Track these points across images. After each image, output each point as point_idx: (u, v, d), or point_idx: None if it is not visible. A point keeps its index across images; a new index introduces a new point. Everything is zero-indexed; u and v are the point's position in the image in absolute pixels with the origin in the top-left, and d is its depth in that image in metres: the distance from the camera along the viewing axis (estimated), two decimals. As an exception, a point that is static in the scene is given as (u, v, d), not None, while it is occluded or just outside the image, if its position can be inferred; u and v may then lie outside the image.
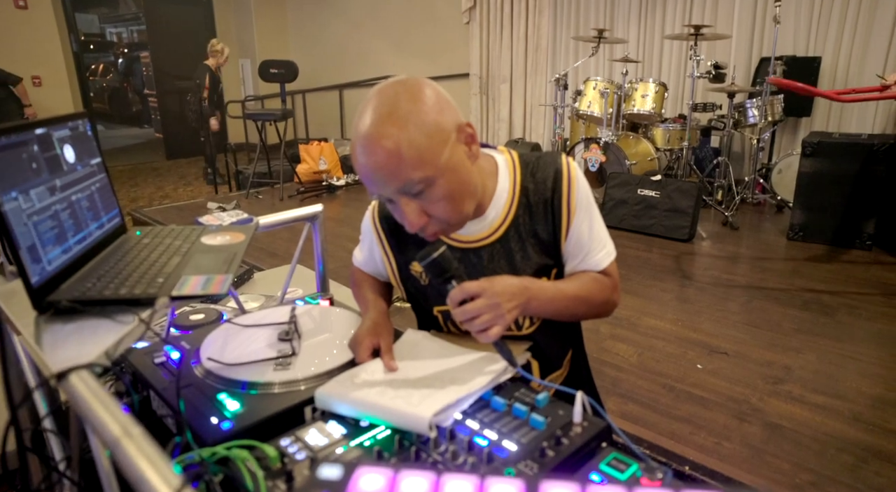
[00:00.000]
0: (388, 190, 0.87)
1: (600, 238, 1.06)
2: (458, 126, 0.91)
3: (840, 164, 3.68)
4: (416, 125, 0.84)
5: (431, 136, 0.85)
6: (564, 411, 0.81)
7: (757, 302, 3.00)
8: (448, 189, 0.89)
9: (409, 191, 0.87)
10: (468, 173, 0.93)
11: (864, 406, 2.09)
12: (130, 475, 0.50)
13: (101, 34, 11.88)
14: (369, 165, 0.85)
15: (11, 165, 0.79)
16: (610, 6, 5.86)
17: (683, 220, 3.95)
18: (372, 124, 0.84)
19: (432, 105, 0.87)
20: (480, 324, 0.85)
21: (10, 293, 0.88)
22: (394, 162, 0.84)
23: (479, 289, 0.86)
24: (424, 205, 0.89)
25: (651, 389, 2.22)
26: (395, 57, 7.59)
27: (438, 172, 0.87)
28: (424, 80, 0.90)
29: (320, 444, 0.76)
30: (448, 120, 0.89)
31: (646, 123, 4.90)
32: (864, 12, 4.55)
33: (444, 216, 0.91)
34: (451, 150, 0.89)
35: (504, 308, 0.87)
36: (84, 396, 0.60)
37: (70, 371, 0.63)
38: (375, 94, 0.88)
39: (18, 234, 0.77)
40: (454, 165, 0.89)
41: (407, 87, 0.87)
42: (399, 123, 0.84)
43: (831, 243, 3.78)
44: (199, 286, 0.86)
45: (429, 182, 0.87)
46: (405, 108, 0.85)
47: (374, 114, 0.85)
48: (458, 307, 0.86)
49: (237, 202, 5.20)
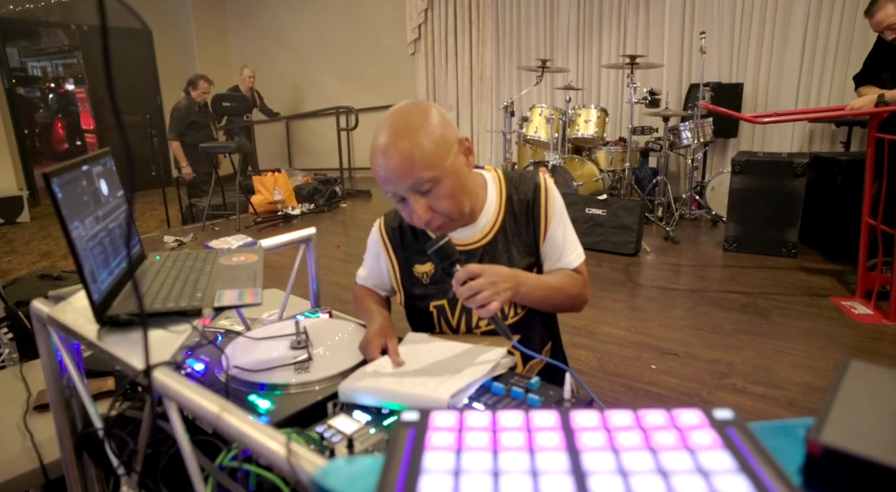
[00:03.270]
0: (402, 187, 1.06)
1: (572, 242, 1.27)
2: (459, 140, 1.12)
3: (765, 180, 4.00)
4: (426, 135, 1.05)
5: (438, 144, 1.06)
6: (554, 391, 0.97)
7: (700, 307, 3.24)
8: (451, 188, 1.08)
9: (419, 188, 1.06)
10: (467, 178, 1.13)
11: (797, 393, 2.33)
12: (240, 440, 0.62)
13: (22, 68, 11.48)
14: (388, 166, 1.05)
15: (73, 198, 0.91)
16: (549, 38, 6.22)
17: (629, 236, 4.20)
18: (390, 135, 1.05)
19: (438, 122, 1.08)
20: (482, 299, 1.01)
21: (63, 312, 0.98)
22: (408, 163, 1.04)
23: (480, 269, 1.04)
24: (431, 202, 1.09)
25: (612, 389, 2.41)
26: (341, 87, 7.73)
27: (444, 174, 1.07)
28: (430, 102, 1.13)
29: (352, 429, 0.89)
30: (451, 133, 1.10)
31: (589, 147, 5.17)
32: (776, 44, 5.06)
33: (447, 211, 1.10)
34: (454, 157, 1.09)
35: (501, 287, 1.04)
36: (174, 386, 0.71)
37: (155, 366, 0.74)
38: (392, 113, 1.08)
39: (82, 258, 0.88)
40: (456, 170, 1.10)
41: (417, 107, 1.09)
42: (412, 133, 1.04)
43: (762, 252, 4.09)
44: (236, 298, 0.98)
45: (436, 181, 1.06)
46: (417, 122, 1.06)
47: (392, 127, 1.05)
48: (462, 286, 1.02)
49: (194, 235, 5.19)
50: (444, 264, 1.05)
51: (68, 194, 0.89)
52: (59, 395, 1.10)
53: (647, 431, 0.49)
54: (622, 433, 0.49)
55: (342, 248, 4.70)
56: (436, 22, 6.96)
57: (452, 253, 1.05)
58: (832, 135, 4.97)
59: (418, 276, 1.27)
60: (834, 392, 0.49)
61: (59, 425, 1.13)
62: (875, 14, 3.16)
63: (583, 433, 0.50)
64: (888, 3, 3.08)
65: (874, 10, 3.17)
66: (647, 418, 0.51)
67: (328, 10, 7.82)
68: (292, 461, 0.57)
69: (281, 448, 0.59)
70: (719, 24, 5.24)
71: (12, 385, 1.74)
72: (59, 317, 0.96)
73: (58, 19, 8.21)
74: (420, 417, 0.58)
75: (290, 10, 8.15)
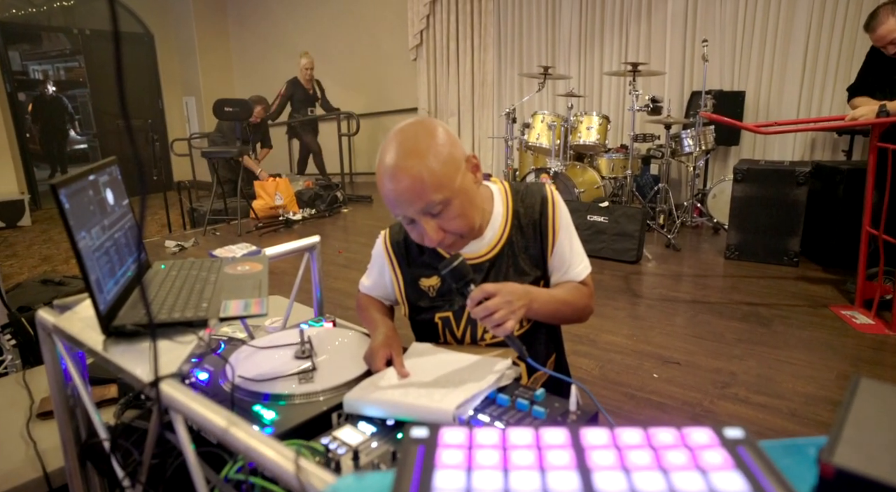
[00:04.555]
0: (412, 210, 1.05)
1: (579, 254, 1.26)
2: (466, 157, 1.10)
3: (767, 188, 4.00)
4: (435, 156, 1.03)
5: (447, 164, 1.04)
6: (559, 403, 0.97)
7: (701, 316, 3.24)
8: (461, 208, 1.07)
9: (429, 211, 1.05)
10: (475, 195, 1.12)
11: (799, 403, 2.32)
12: (248, 455, 0.62)
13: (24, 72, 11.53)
14: (397, 190, 1.03)
15: (80, 208, 0.91)
16: (551, 45, 6.23)
17: (630, 243, 4.20)
18: (398, 157, 1.02)
19: (445, 141, 1.06)
20: (498, 318, 1.00)
21: (69, 322, 0.98)
22: (418, 186, 1.01)
23: (495, 289, 1.03)
24: (441, 223, 1.07)
25: (614, 397, 2.40)
26: (342, 92, 7.72)
27: (454, 194, 1.05)
28: (436, 120, 1.11)
29: (357, 440, 0.89)
30: (458, 152, 1.08)
31: (591, 154, 5.17)
32: (778, 52, 5.06)
33: (458, 230, 1.09)
34: (463, 176, 1.08)
35: (515, 305, 1.03)
36: (181, 399, 0.71)
37: (162, 379, 0.74)
38: (397, 133, 1.06)
39: (89, 268, 0.88)
40: (465, 188, 1.08)
41: (423, 125, 1.07)
42: (420, 155, 1.02)
43: (764, 261, 4.08)
44: (241, 308, 0.98)
45: (446, 203, 1.04)
46: (424, 143, 1.03)
47: (399, 148, 1.03)
48: (477, 306, 1.01)
49: (196, 239, 5.19)
50: (458, 285, 1.04)
51: (75, 205, 0.89)
52: (64, 404, 1.11)
53: (657, 450, 0.49)
54: (633, 452, 0.49)
55: (343, 253, 4.70)
56: (437, 27, 6.98)
57: (467, 273, 1.03)
58: (834, 143, 4.97)
59: (424, 289, 1.26)
60: (845, 411, 0.49)
61: (63, 435, 1.13)
62: (877, 29, 3.11)
63: (593, 452, 0.50)
64: (889, 18, 3.06)
65: (874, 24, 3.12)
66: (658, 437, 0.51)
67: (330, 16, 7.84)
68: (301, 478, 0.57)
69: (290, 464, 0.59)
70: (721, 32, 5.25)
71: (15, 392, 1.74)
72: (65, 327, 0.96)
73: (60, 23, 8.23)
74: (430, 433, 0.58)
75: (291, 15, 8.17)
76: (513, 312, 1.02)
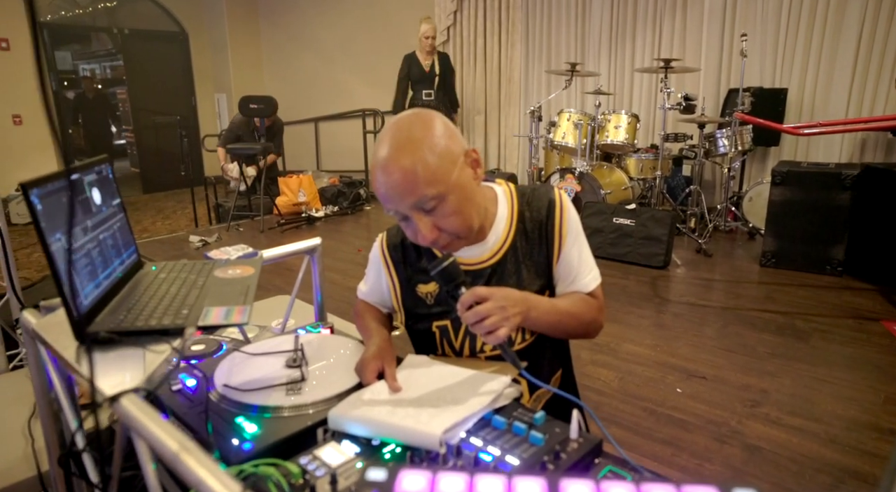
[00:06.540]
0: (405, 205, 0.98)
1: (588, 263, 1.17)
2: (465, 151, 1.03)
3: (809, 192, 3.81)
4: (429, 148, 0.96)
5: (442, 157, 0.97)
6: (560, 429, 0.89)
7: (732, 327, 3.08)
8: (457, 205, 0.99)
9: (422, 206, 0.98)
10: (474, 192, 1.04)
11: (840, 428, 2.15)
12: (193, 483, 0.56)
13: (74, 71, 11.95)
14: (389, 184, 0.96)
15: (56, 209, 0.86)
16: (580, 40, 6.08)
17: (658, 247, 4.07)
18: (391, 148, 0.96)
19: (442, 133, 0.99)
20: (490, 325, 0.93)
21: (47, 326, 0.94)
22: (410, 180, 0.95)
23: (488, 293, 0.95)
24: (436, 220, 1.00)
25: (633, 412, 2.29)
26: (367, 90, 7.71)
27: (449, 190, 0.98)
28: (435, 112, 1.03)
29: (337, 461, 0.82)
30: (456, 145, 1.00)
31: (619, 154, 5.05)
32: (826, 47, 4.74)
33: (454, 229, 1.02)
34: (460, 171, 1.00)
35: (510, 312, 0.95)
36: (138, 416, 0.66)
37: (121, 395, 0.69)
38: (393, 124, 0.99)
39: (62, 272, 0.83)
40: (462, 184, 1.00)
41: (420, 117, 1.00)
42: (414, 147, 0.95)
43: (803, 269, 3.88)
44: (222, 316, 0.93)
45: (440, 198, 0.97)
46: (419, 134, 0.97)
47: (393, 140, 0.97)
48: (467, 311, 0.94)
49: (219, 235, 5.22)
50: (448, 287, 0.97)
51: (49, 206, 0.85)
52: (48, 408, 1.07)
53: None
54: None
55: (363, 252, 4.66)
56: (464, 24, 6.89)
57: (458, 275, 0.96)
58: (888, 144, 4.63)
59: (421, 296, 1.19)
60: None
61: (47, 439, 1.10)
62: None
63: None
64: None
65: None
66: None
67: (358, 14, 7.83)
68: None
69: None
70: (763, 26, 5.00)
71: (24, 386, 1.73)
72: (41, 332, 0.92)
73: (104, 24, 8.52)
74: (388, 476, 0.52)
75: (319, 13, 8.20)
76: (506, 319, 0.94)
